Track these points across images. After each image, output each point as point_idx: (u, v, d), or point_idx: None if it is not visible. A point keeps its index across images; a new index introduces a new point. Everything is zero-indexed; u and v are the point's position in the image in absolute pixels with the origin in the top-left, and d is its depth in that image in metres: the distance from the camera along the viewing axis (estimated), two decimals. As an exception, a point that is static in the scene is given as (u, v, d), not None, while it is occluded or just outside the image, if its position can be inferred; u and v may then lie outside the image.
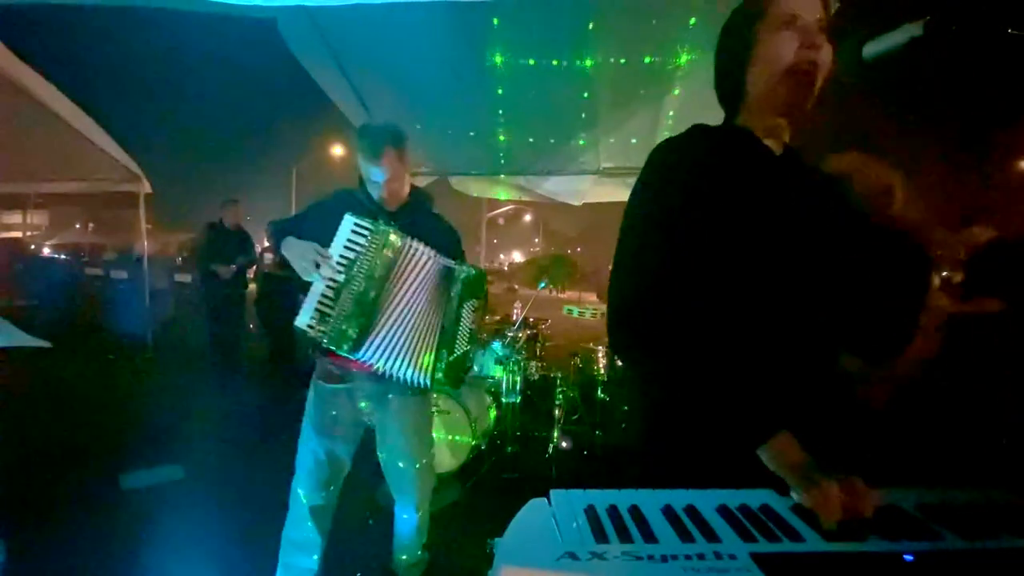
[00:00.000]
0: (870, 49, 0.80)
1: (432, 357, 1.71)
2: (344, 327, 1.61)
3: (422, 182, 4.87)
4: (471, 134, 4.21)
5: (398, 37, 2.97)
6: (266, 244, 6.28)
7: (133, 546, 2.29)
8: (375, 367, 1.67)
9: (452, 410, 3.06)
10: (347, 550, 2.25)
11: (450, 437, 3.05)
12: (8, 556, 1.98)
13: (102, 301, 9.49)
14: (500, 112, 3.82)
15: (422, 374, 1.70)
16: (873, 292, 0.92)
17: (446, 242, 1.81)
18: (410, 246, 1.68)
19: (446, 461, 3.05)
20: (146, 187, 6.01)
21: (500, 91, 3.52)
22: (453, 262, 1.75)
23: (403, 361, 1.68)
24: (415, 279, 1.69)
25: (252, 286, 5.59)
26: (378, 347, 1.66)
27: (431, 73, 3.32)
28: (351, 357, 1.65)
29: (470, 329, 1.79)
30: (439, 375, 1.71)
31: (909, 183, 0.90)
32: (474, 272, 1.76)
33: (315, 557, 1.85)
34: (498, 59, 3.19)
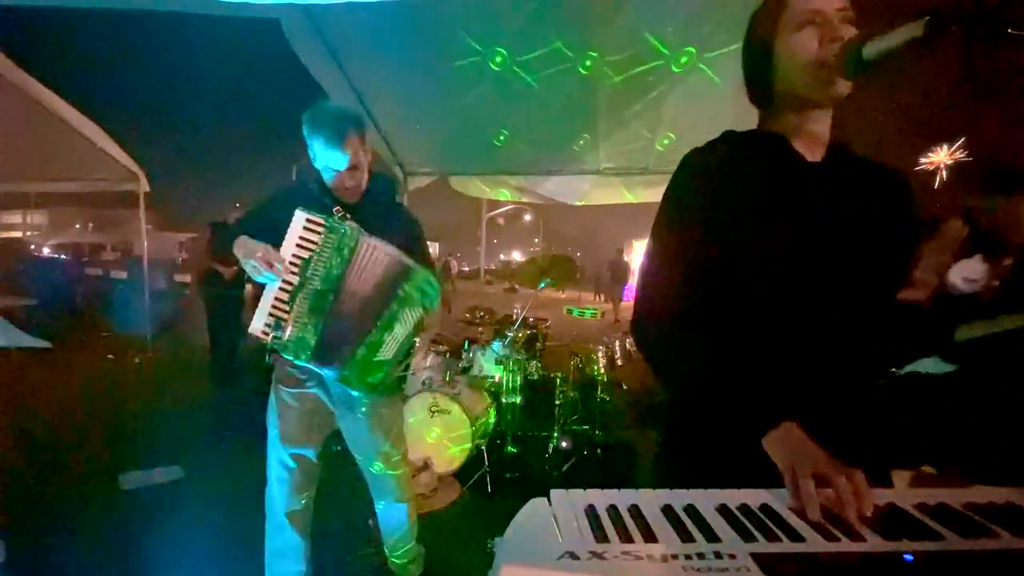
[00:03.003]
0: (870, 49, 0.80)
1: (349, 350, 1.60)
2: (303, 334, 1.54)
3: (422, 182, 4.87)
4: (471, 134, 4.20)
5: (399, 37, 2.97)
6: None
7: (133, 546, 2.29)
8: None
9: (452, 410, 3.06)
10: (348, 550, 2.25)
11: (450, 437, 3.05)
12: (8, 556, 1.98)
13: (102, 301, 9.48)
14: (500, 112, 3.82)
15: (330, 365, 1.60)
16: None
17: (406, 234, 1.71)
18: (369, 245, 1.57)
19: (446, 461, 3.06)
20: (146, 187, 6.02)
21: (500, 91, 3.51)
22: (413, 263, 1.62)
23: (337, 357, 1.59)
24: (368, 274, 1.59)
25: (249, 287, 5.59)
26: (331, 348, 1.58)
27: (431, 73, 3.32)
28: (311, 367, 1.59)
29: (404, 337, 1.65)
30: (345, 372, 1.59)
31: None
32: (430, 282, 1.64)
33: (302, 560, 1.83)
34: (498, 59, 3.19)
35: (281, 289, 1.54)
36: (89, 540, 2.37)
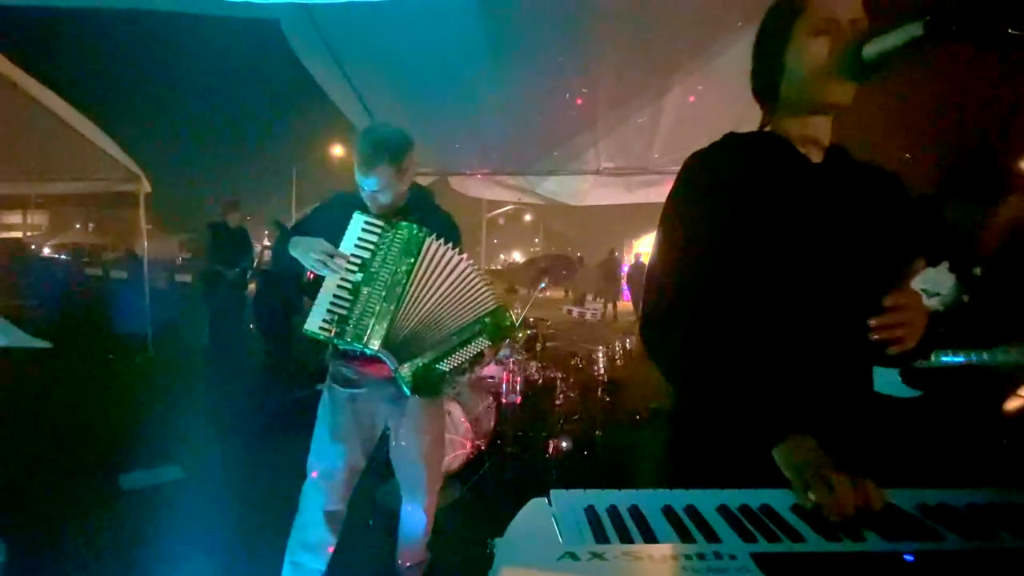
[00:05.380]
0: (870, 49, 0.80)
1: (420, 356, 1.67)
2: (373, 323, 1.60)
3: (422, 182, 4.87)
4: (471, 134, 4.21)
5: (398, 37, 2.97)
6: (265, 243, 6.27)
7: (133, 546, 2.29)
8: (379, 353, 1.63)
9: (452, 410, 3.06)
10: (348, 550, 2.24)
11: (450, 437, 3.05)
12: (8, 556, 1.98)
13: (102, 301, 9.49)
14: (500, 112, 3.82)
15: (397, 355, 1.64)
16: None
17: (445, 237, 1.75)
18: (436, 244, 1.64)
19: (446, 461, 3.05)
20: (146, 187, 6.02)
21: (500, 91, 3.51)
22: (495, 300, 1.71)
23: (402, 351, 1.65)
24: (441, 274, 1.65)
25: (251, 286, 5.60)
26: (402, 340, 1.64)
27: (431, 73, 3.32)
28: (378, 353, 1.62)
29: (467, 358, 1.73)
30: (407, 376, 1.65)
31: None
32: (508, 320, 1.73)
33: (326, 558, 1.84)
34: (498, 59, 3.19)
35: (340, 287, 1.61)
36: (89, 540, 2.37)
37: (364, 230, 1.63)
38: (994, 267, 1.58)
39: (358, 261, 1.62)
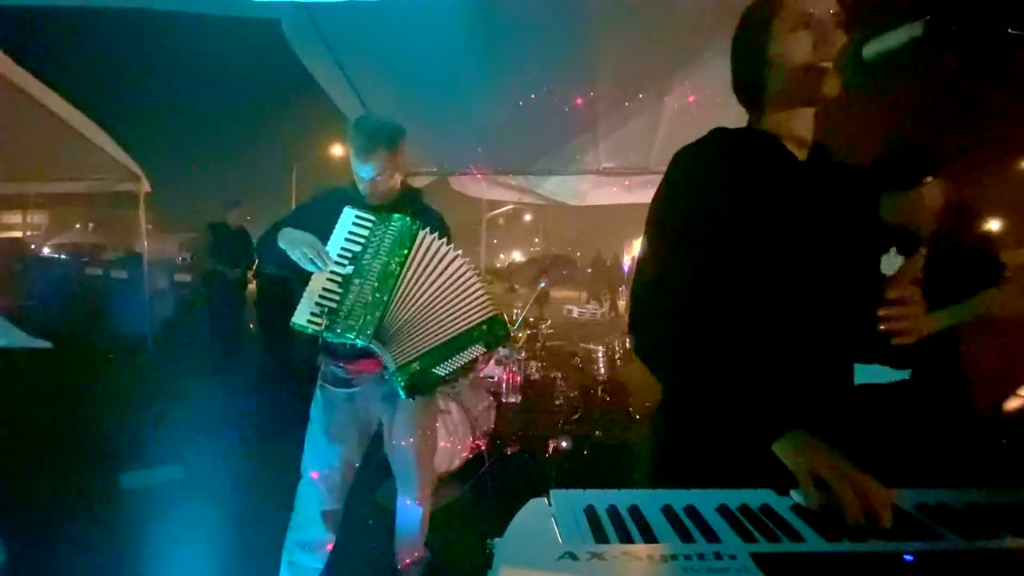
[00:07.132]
0: (870, 49, 0.80)
1: (417, 359, 1.65)
2: (363, 315, 1.58)
3: (422, 182, 4.86)
4: (471, 134, 4.20)
5: (398, 37, 2.97)
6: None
7: (133, 546, 2.29)
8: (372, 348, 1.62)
9: (452, 410, 3.06)
10: (347, 550, 2.25)
11: (450, 437, 3.05)
12: (8, 556, 1.98)
13: (102, 301, 9.48)
14: (500, 112, 3.81)
15: (395, 365, 1.63)
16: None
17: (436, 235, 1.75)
18: (429, 237, 1.64)
19: (446, 461, 3.05)
20: (146, 187, 6.02)
21: (500, 91, 3.51)
22: (492, 307, 1.72)
23: (397, 349, 1.64)
24: (433, 269, 1.64)
25: (251, 286, 5.60)
26: (395, 335, 1.62)
27: (431, 74, 3.32)
28: (370, 346, 1.61)
29: (462, 364, 1.72)
30: (403, 378, 1.63)
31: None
32: (504, 329, 1.74)
33: (323, 556, 1.85)
34: (499, 59, 3.19)
35: (329, 279, 1.59)
36: (89, 540, 2.37)
37: (355, 224, 1.62)
38: (937, 245, 1.72)
39: (348, 255, 1.60)
